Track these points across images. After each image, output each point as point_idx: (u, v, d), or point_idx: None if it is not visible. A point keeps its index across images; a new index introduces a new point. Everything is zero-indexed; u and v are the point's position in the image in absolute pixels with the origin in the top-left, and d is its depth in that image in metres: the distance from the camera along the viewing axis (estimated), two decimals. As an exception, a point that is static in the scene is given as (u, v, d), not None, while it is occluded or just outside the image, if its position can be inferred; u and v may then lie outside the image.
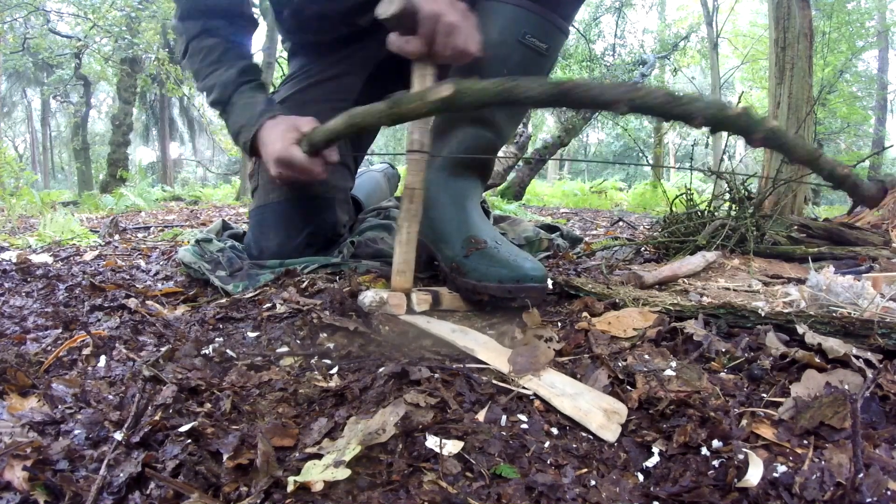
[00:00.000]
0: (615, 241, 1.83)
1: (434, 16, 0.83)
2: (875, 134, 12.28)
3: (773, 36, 3.04)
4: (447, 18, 0.83)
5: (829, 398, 0.53)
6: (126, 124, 9.54)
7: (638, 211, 6.06)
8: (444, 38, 0.84)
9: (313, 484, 0.45)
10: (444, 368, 0.65)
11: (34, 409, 0.58)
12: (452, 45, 0.85)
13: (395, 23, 0.85)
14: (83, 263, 1.44)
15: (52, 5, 9.20)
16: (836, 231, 1.54)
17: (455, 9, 0.84)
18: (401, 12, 0.82)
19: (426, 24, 0.83)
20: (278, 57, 6.40)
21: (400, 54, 0.87)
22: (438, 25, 0.83)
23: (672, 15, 14.91)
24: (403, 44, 0.86)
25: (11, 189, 4.29)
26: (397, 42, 0.86)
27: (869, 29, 11.71)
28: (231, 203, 5.61)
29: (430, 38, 0.84)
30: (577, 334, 0.77)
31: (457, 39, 0.85)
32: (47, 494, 0.44)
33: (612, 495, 0.47)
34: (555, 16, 0.99)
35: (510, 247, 0.94)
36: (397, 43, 0.86)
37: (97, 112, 19.94)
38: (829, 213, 5.03)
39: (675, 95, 0.67)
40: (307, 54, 1.35)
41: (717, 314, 0.77)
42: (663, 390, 0.59)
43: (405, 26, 0.84)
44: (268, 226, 1.25)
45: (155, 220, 3.02)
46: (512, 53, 0.97)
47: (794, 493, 0.44)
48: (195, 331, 0.84)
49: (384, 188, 1.77)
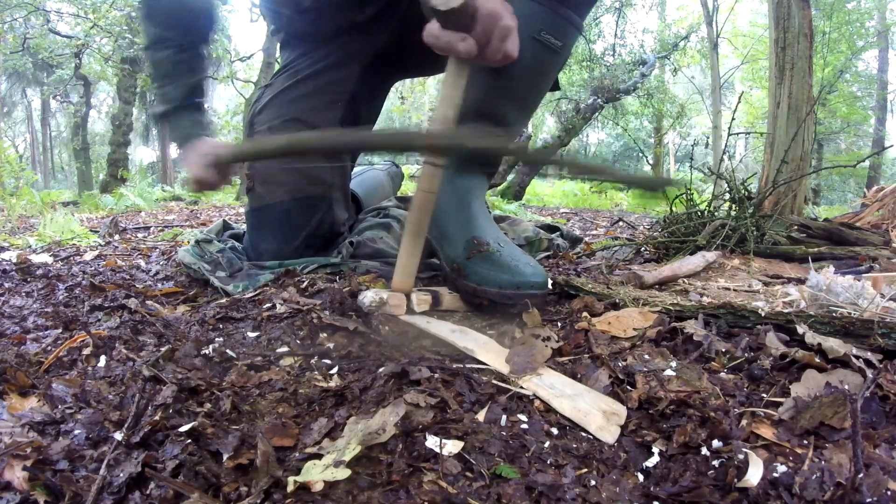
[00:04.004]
0: (615, 241, 1.83)
1: (493, 16, 0.77)
2: (875, 134, 12.28)
3: (773, 36, 3.04)
4: (505, 21, 0.78)
5: (829, 398, 0.53)
6: (126, 124, 9.54)
7: (638, 211, 6.06)
8: (498, 42, 0.78)
9: (313, 484, 0.45)
10: (444, 368, 0.65)
11: (34, 409, 0.58)
12: (504, 50, 0.79)
13: (451, 18, 0.76)
14: (83, 263, 1.44)
15: (52, 5, 9.19)
16: (836, 231, 1.54)
17: (509, 11, 0.79)
18: (462, 7, 0.74)
19: (484, 24, 0.77)
20: (277, 57, 6.40)
21: (443, 52, 0.80)
22: (496, 28, 0.77)
23: (672, 15, 14.90)
24: (456, 42, 0.77)
25: (11, 189, 4.28)
26: (447, 38, 0.78)
27: (869, 29, 11.72)
28: (231, 203, 5.61)
29: (486, 39, 0.78)
30: (577, 334, 0.77)
31: (509, 44, 0.79)
32: (47, 494, 0.44)
33: (612, 495, 0.47)
34: (570, 13, 0.95)
35: (513, 249, 0.94)
36: (447, 39, 0.78)
37: (97, 112, 19.94)
38: (829, 213, 5.03)
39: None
40: (300, 45, 1.29)
41: (717, 314, 0.77)
42: (663, 390, 0.59)
43: (460, 23, 0.76)
44: (265, 229, 1.25)
45: (155, 220, 3.02)
46: (525, 50, 0.92)
47: (794, 493, 0.44)
48: (195, 331, 0.84)
49: (386, 187, 1.76)
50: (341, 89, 1.25)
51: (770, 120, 3.07)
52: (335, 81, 1.25)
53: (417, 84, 11.38)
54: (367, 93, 1.31)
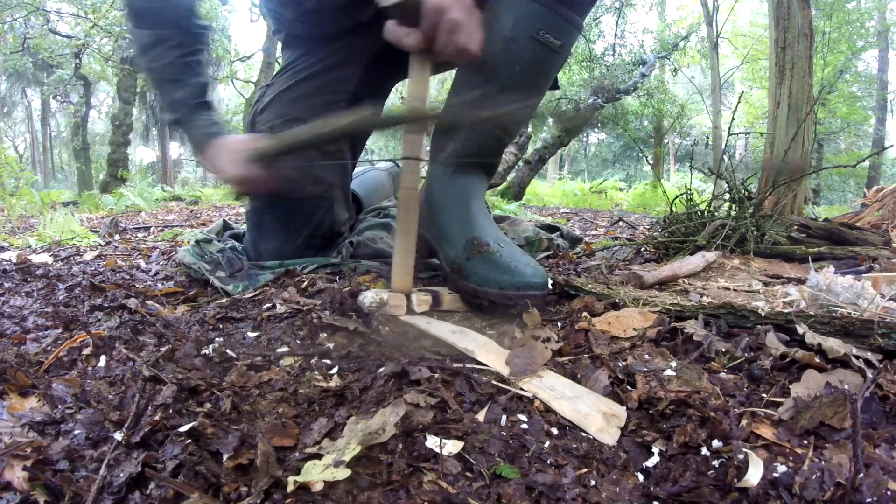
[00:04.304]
0: (615, 241, 1.83)
1: (438, 10, 0.78)
2: (875, 134, 12.28)
3: (773, 36, 3.04)
4: (451, 15, 0.79)
5: (829, 398, 0.53)
6: (126, 124, 9.54)
7: (638, 211, 6.06)
8: (445, 36, 0.80)
9: (313, 484, 0.45)
10: (444, 368, 0.65)
11: (34, 409, 0.58)
12: (454, 44, 0.81)
13: (396, 12, 0.81)
14: (83, 263, 1.44)
15: (52, 5, 9.20)
16: (836, 231, 1.54)
17: (460, 4, 0.80)
18: (403, 2, 0.78)
19: (429, 18, 0.79)
20: (278, 57, 6.40)
21: (396, 46, 0.84)
22: (441, 21, 0.79)
23: (672, 15, 14.92)
24: (403, 36, 0.82)
25: (11, 189, 4.28)
26: (396, 33, 0.83)
27: (869, 29, 11.72)
28: (231, 203, 5.61)
29: (432, 33, 0.80)
30: (577, 334, 0.77)
31: (458, 38, 0.81)
32: (47, 494, 0.44)
33: (612, 495, 0.47)
34: (570, 12, 0.95)
35: (513, 250, 0.94)
36: (396, 34, 0.83)
37: (97, 112, 19.95)
38: (829, 213, 5.03)
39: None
40: (302, 45, 1.29)
41: (717, 314, 0.77)
42: (663, 390, 0.59)
43: (407, 17, 0.80)
44: (265, 229, 1.25)
45: (155, 220, 3.02)
46: (524, 50, 0.93)
47: (794, 493, 0.44)
48: (195, 331, 0.84)
49: (387, 187, 1.76)
50: (342, 89, 1.25)
51: (770, 120, 3.07)
52: (336, 81, 1.25)
53: (417, 84, 11.35)
54: (368, 93, 1.31)
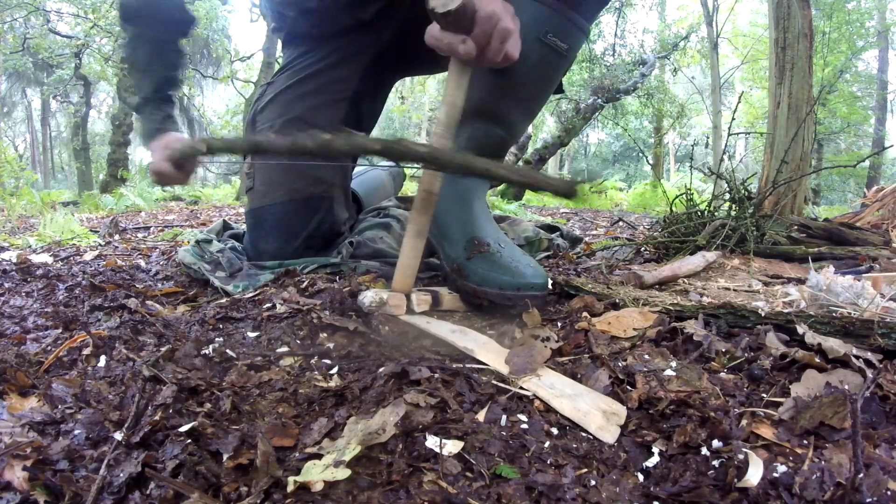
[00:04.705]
0: (615, 241, 1.83)
1: (492, 18, 0.76)
2: (875, 134, 12.28)
3: (773, 36, 3.04)
4: (504, 23, 0.77)
5: (829, 398, 0.53)
6: (126, 124, 9.53)
7: (638, 211, 6.06)
8: (497, 44, 0.78)
9: (313, 484, 0.45)
10: (444, 368, 0.65)
11: (34, 409, 0.58)
12: (505, 52, 0.79)
13: (450, 20, 0.76)
14: (83, 263, 1.44)
15: (52, 5, 9.20)
16: (836, 231, 1.54)
17: (509, 12, 0.79)
18: (460, 9, 0.74)
19: (483, 25, 0.77)
20: (278, 57, 6.40)
21: (444, 53, 0.80)
22: (495, 30, 0.77)
23: (672, 15, 14.91)
24: (457, 44, 0.77)
25: (11, 189, 4.28)
26: (448, 40, 0.78)
27: (869, 29, 11.72)
28: (231, 203, 5.61)
29: (486, 41, 0.78)
30: (576, 334, 0.77)
31: (509, 45, 0.79)
32: (47, 494, 0.44)
33: (612, 495, 0.47)
34: (577, 16, 0.95)
35: (513, 250, 0.94)
36: (448, 41, 0.78)
37: (97, 112, 19.92)
38: (829, 213, 5.04)
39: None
40: (302, 43, 1.30)
41: (717, 314, 0.77)
42: (663, 390, 0.59)
43: (459, 25, 0.76)
44: (265, 229, 1.25)
45: (155, 220, 3.02)
46: (531, 52, 0.92)
47: (794, 493, 0.44)
48: (195, 331, 0.84)
49: (388, 187, 1.76)
50: (343, 88, 1.25)
51: (770, 120, 3.07)
52: (337, 80, 1.25)
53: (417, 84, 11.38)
54: (368, 91, 1.31)
